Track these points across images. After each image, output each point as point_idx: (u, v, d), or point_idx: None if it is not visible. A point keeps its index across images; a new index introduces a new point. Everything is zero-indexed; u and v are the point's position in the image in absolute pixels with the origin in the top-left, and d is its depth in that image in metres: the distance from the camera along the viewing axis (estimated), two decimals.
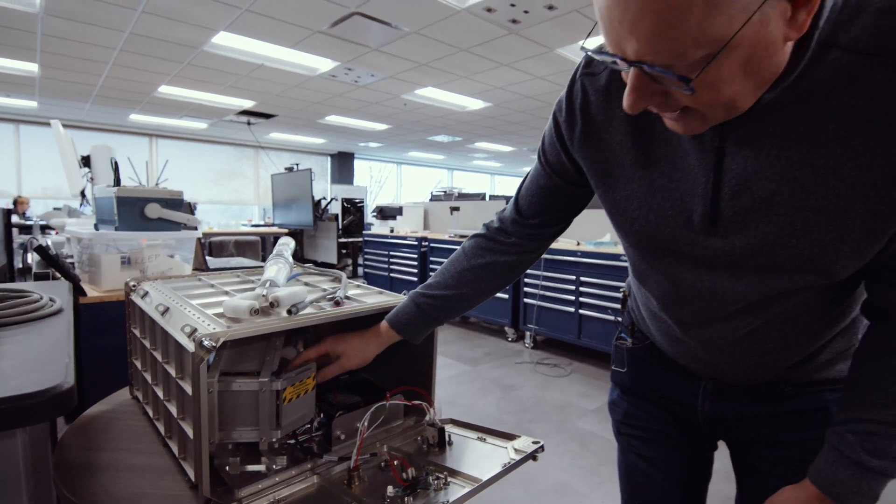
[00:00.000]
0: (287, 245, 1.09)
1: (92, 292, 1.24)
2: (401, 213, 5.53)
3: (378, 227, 5.94)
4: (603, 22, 0.42)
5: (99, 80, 5.32)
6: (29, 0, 3.25)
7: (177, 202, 1.36)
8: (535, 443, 0.75)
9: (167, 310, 0.79)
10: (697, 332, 0.65)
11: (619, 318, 0.86)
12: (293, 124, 7.91)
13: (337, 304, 0.83)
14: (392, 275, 5.23)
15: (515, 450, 0.74)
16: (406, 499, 0.61)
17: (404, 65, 4.65)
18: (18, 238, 3.67)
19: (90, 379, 1.22)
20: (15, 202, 6.69)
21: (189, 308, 0.77)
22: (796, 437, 0.67)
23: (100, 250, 1.23)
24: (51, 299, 0.71)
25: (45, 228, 3.88)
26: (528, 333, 3.88)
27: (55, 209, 5.57)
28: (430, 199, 6.14)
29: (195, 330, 0.66)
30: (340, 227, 7.90)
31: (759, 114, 0.48)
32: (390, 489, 0.63)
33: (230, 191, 10.14)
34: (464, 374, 3.29)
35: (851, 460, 0.55)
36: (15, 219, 5.33)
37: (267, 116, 7.29)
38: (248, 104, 6.44)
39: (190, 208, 7.14)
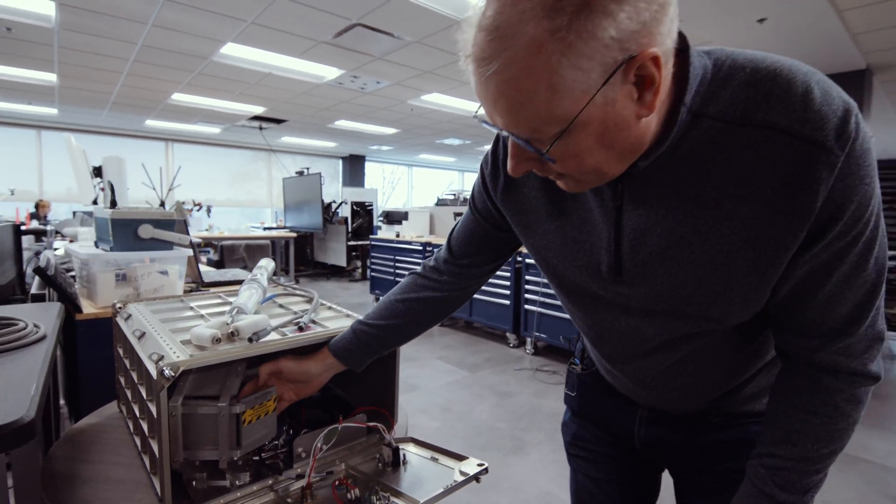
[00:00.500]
0: (264, 268, 1.15)
1: (89, 308, 1.32)
2: (406, 218, 5.59)
3: (385, 232, 6.02)
4: (478, 98, 0.48)
5: (114, 89, 5.49)
6: (45, 16, 3.39)
7: (169, 222, 1.43)
8: (479, 465, 0.79)
9: (143, 334, 0.86)
10: (623, 367, 0.70)
11: (574, 344, 0.91)
12: (304, 129, 8.03)
13: (300, 329, 0.89)
14: (398, 279, 5.30)
15: (461, 472, 0.79)
16: None
17: (409, 72, 4.71)
18: (35, 245, 3.82)
19: (86, 391, 1.30)
20: (37, 205, 6.91)
21: (161, 334, 0.84)
22: (725, 466, 0.71)
23: (96, 269, 1.31)
24: (35, 325, 0.78)
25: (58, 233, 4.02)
26: (528, 340, 3.91)
27: (74, 213, 5.76)
28: (437, 204, 6.20)
29: (161, 357, 0.72)
30: (350, 230, 8.03)
31: (648, 176, 0.53)
32: None
33: (245, 192, 10.32)
34: (463, 380, 3.33)
35: (764, 493, 0.58)
36: (34, 223, 5.52)
37: (278, 122, 7.42)
38: (258, 110, 6.58)
39: (206, 210, 7.33)
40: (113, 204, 1.94)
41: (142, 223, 1.37)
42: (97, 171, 3.14)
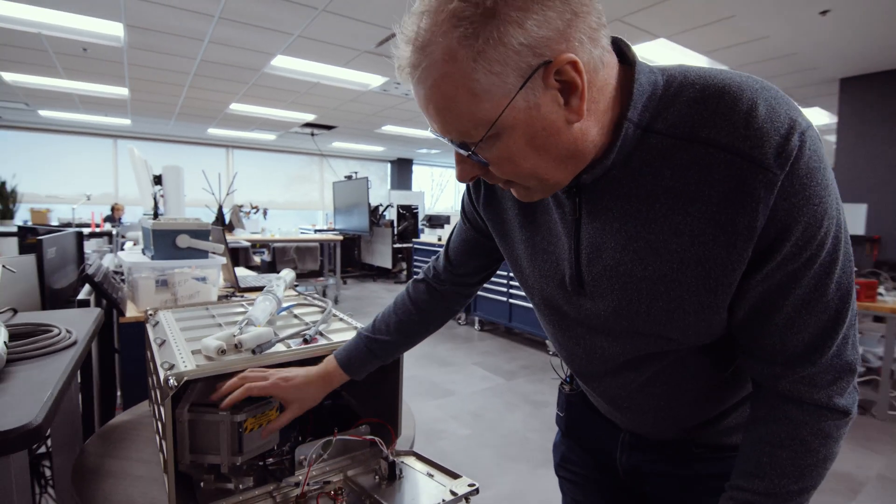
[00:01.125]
0: (282, 279, 1.20)
1: (132, 311, 1.43)
2: (448, 222, 5.63)
3: (428, 235, 6.09)
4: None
5: (179, 101, 5.90)
6: (115, 36, 3.70)
7: (204, 233, 1.52)
8: (470, 485, 0.79)
9: (163, 342, 0.92)
10: (595, 385, 0.69)
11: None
12: (352, 134, 8.27)
13: (306, 341, 0.93)
14: None
15: (451, 491, 0.79)
16: None
17: None
18: (107, 247, 4.17)
19: (127, 389, 1.41)
20: (112, 209, 7.53)
21: (178, 343, 0.90)
22: (704, 500, 0.68)
23: (138, 275, 1.41)
24: (68, 331, 0.86)
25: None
26: None
27: (143, 216, 6.25)
28: None
29: (172, 366, 0.78)
30: (395, 232, 8.18)
31: (603, 190, 0.53)
32: None
33: (300, 195, 10.76)
34: (497, 387, 3.31)
35: None
36: (107, 226, 6.01)
37: (328, 128, 7.69)
38: (309, 117, 6.84)
39: (263, 213, 7.72)
40: (156, 215, 2.08)
41: (179, 233, 1.46)
42: (157, 180, 3.38)
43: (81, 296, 1.24)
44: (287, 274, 1.25)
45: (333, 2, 3.07)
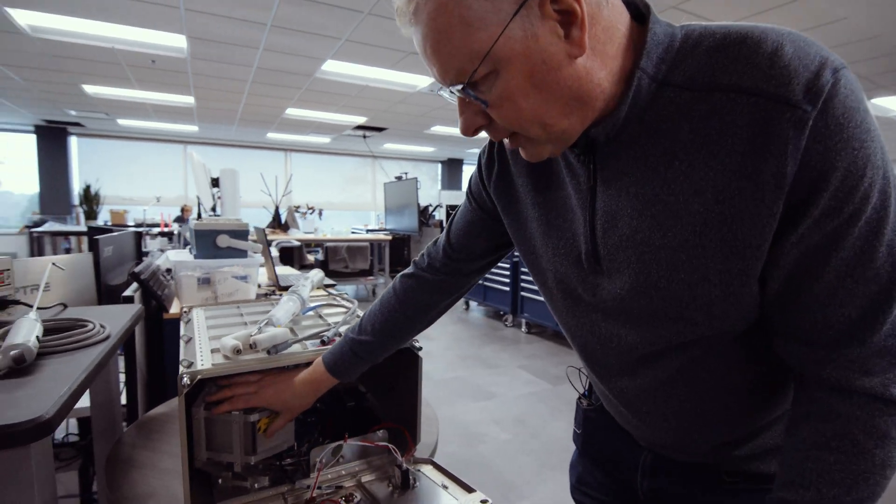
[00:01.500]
0: (309, 279, 1.21)
1: (176, 308, 1.49)
2: None
3: None
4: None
5: (239, 107, 6.21)
6: (179, 48, 3.93)
7: (243, 233, 1.57)
8: (482, 501, 0.75)
9: (189, 340, 0.95)
10: (611, 385, 0.63)
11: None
12: (403, 135, 8.38)
13: (324, 343, 0.92)
14: (485, 283, 5.29)
15: None
16: None
17: None
18: (168, 246, 4.44)
19: (171, 381, 1.48)
20: (182, 209, 8.05)
21: (202, 341, 0.92)
22: None
23: (180, 273, 1.47)
24: (102, 326, 0.90)
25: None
26: None
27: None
28: None
29: (191, 364, 0.79)
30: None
31: (618, 153, 0.49)
32: None
33: (355, 196, 11.06)
34: (542, 393, 3.23)
35: None
36: (175, 226, 6.42)
37: (379, 130, 7.83)
38: (360, 120, 6.99)
39: (318, 213, 8.00)
40: (199, 216, 2.17)
41: (219, 234, 1.51)
42: (215, 182, 3.56)
43: (128, 292, 1.30)
44: (315, 274, 1.25)
45: (378, 5, 3.10)
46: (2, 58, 4.27)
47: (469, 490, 0.80)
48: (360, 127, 7.56)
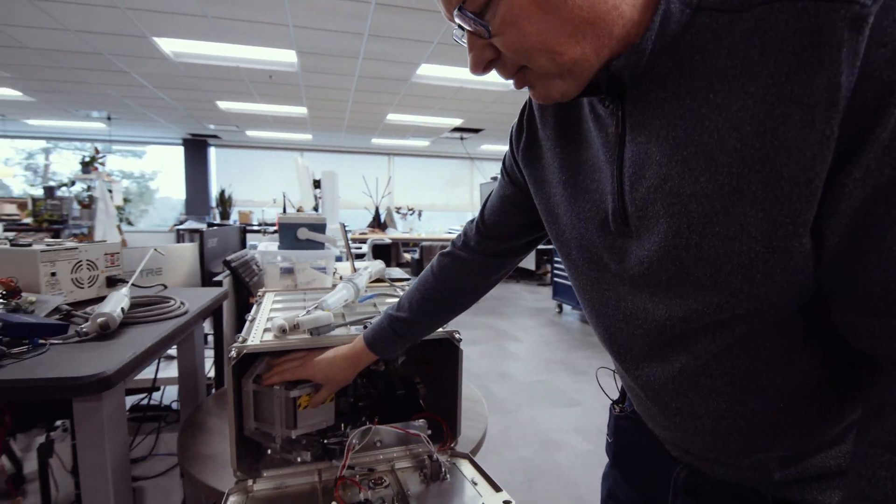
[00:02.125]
0: (368, 270, 1.25)
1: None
2: None
3: None
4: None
5: (345, 115, 6.66)
6: (291, 62, 4.33)
7: (321, 227, 1.67)
8: (506, 502, 0.72)
9: (253, 319, 1.03)
10: (638, 374, 0.55)
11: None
12: (499, 136, 8.35)
13: (365, 327, 0.94)
14: None
15: None
16: None
17: None
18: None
19: None
20: (297, 210, 8.85)
21: (261, 320, 1.00)
22: None
23: (265, 262, 1.61)
24: (182, 303, 1.01)
25: None
26: None
27: None
28: None
29: (245, 340, 0.86)
30: None
31: (648, 93, 0.45)
32: None
33: (454, 198, 11.29)
34: None
35: None
36: None
37: (475, 131, 7.89)
38: (457, 122, 7.10)
39: (418, 214, 8.32)
40: (284, 210, 2.34)
41: (300, 227, 1.63)
42: (317, 184, 3.85)
43: (220, 277, 1.46)
44: (374, 265, 1.30)
45: None
46: (155, 81, 5.05)
47: (497, 489, 0.77)
48: (457, 129, 7.68)
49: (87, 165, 5.55)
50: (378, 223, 6.62)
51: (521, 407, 2.94)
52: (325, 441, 0.92)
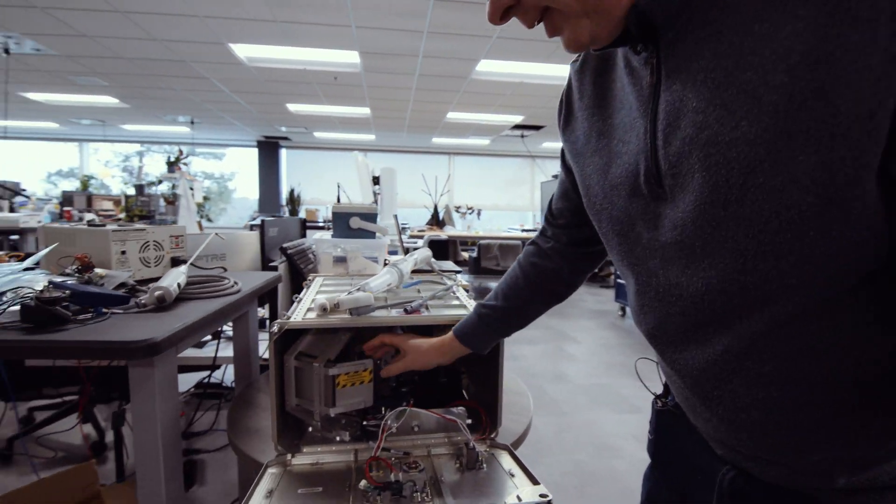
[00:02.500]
0: (414, 256, 1.24)
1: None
2: None
3: None
4: None
5: (407, 114, 6.77)
6: (354, 63, 4.46)
7: (372, 216, 1.69)
8: (542, 496, 0.68)
9: (300, 300, 1.06)
10: (676, 357, 0.49)
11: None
12: None
13: (406, 311, 0.93)
14: None
15: (518, 497, 0.69)
16: (372, 497, 0.67)
17: None
18: None
19: None
20: None
21: (306, 300, 1.02)
22: None
23: (319, 249, 1.66)
24: (235, 283, 1.05)
25: None
26: None
27: None
28: None
29: (289, 317, 0.88)
30: None
31: (684, 34, 0.40)
32: (363, 483, 0.70)
33: (515, 197, 11.17)
34: None
35: None
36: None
37: (536, 128, 7.74)
38: (517, 119, 7.01)
39: (477, 213, 8.33)
40: (338, 200, 2.39)
41: (352, 216, 1.66)
42: (376, 180, 3.94)
43: (276, 263, 1.51)
44: (420, 253, 1.29)
45: None
46: (231, 85, 5.39)
47: (534, 482, 0.73)
48: (517, 126, 7.58)
49: (172, 165, 6.04)
50: (436, 221, 6.67)
51: (576, 409, 2.84)
52: (365, 423, 0.92)
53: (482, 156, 10.63)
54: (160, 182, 7.00)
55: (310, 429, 0.92)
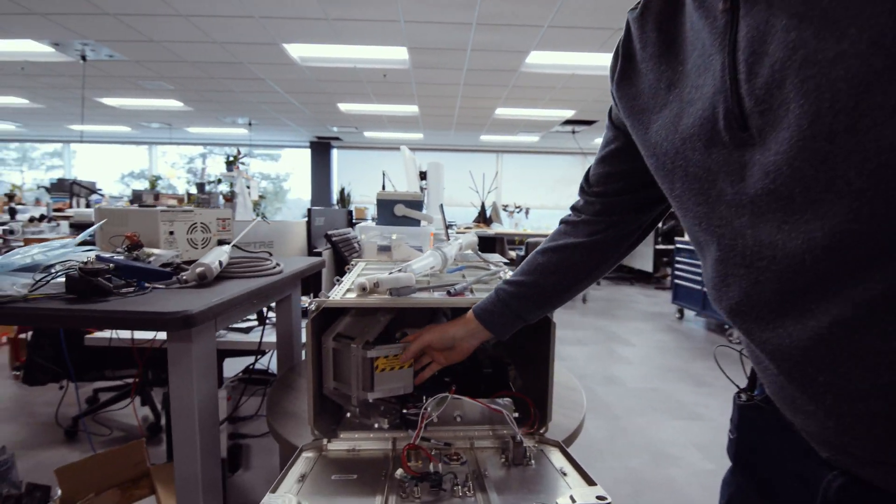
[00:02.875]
0: (459, 241, 1.19)
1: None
2: None
3: None
4: None
5: (455, 111, 6.74)
6: (403, 60, 4.46)
7: (418, 203, 1.65)
8: (600, 498, 0.60)
9: (340, 282, 1.02)
10: (765, 336, 0.40)
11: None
12: None
13: (449, 294, 0.88)
14: (706, 290, 4.53)
15: (572, 497, 0.61)
16: (409, 487, 0.62)
17: None
18: None
19: None
20: None
21: (346, 282, 0.98)
22: None
23: (364, 237, 1.64)
24: (278, 264, 1.04)
25: None
26: None
27: None
28: None
29: (327, 297, 0.85)
30: (660, 232, 7.34)
31: None
32: (400, 472, 0.64)
33: (565, 197, 10.91)
34: None
35: None
36: None
37: (588, 123, 7.50)
38: (569, 113, 6.81)
39: (525, 212, 8.20)
40: (383, 187, 2.37)
41: (397, 203, 1.62)
42: (423, 175, 3.92)
43: (320, 249, 1.50)
44: (466, 238, 1.23)
45: None
46: (285, 86, 5.56)
47: (590, 482, 0.65)
48: (568, 122, 7.37)
49: (231, 164, 6.31)
50: (483, 218, 6.60)
51: (629, 414, 2.68)
52: (405, 411, 0.87)
53: (531, 153, 10.44)
54: (219, 181, 7.33)
55: (348, 414, 0.88)
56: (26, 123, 8.39)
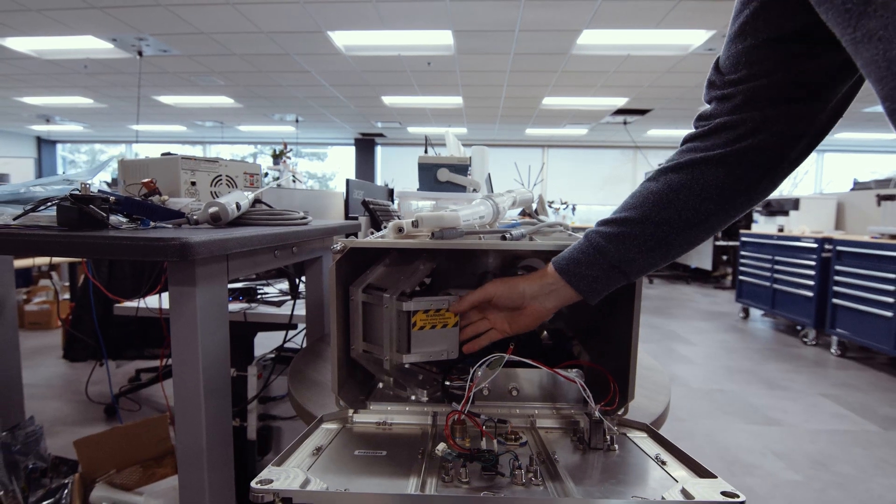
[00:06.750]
0: (513, 192, 1.02)
1: None
2: (796, 208, 4.28)
3: (763, 225, 4.79)
4: None
5: (500, 102, 6.54)
6: (447, 45, 4.33)
7: (463, 168, 1.50)
8: (727, 494, 0.42)
9: (373, 233, 0.88)
10: None
11: None
12: (671, 117, 7.41)
13: (504, 238, 0.71)
14: (776, 286, 4.13)
15: (684, 491, 0.43)
16: (455, 467, 0.46)
17: None
18: None
19: None
20: None
21: (382, 231, 0.84)
22: None
23: (402, 201, 1.50)
24: (304, 216, 0.91)
25: None
26: None
27: None
28: (853, 188, 4.48)
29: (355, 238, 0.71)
30: None
31: None
32: (442, 447, 0.48)
33: (614, 195, 10.46)
34: (860, 434, 2.25)
35: None
36: None
37: (642, 112, 7.11)
38: (621, 102, 6.47)
39: (571, 208, 7.92)
40: (426, 150, 2.22)
41: (440, 167, 1.47)
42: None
43: (355, 214, 1.38)
44: (521, 192, 1.06)
45: None
46: (331, 79, 5.55)
47: (703, 474, 0.47)
48: (620, 111, 7.01)
49: (277, 158, 6.39)
50: (529, 212, 6.37)
51: (694, 416, 2.41)
52: (448, 382, 0.71)
53: (578, 147, 10.07)
54: (266, 174, 7.47)
55: (380, 385, 0.74)
56: (92, 124, 8.89)
